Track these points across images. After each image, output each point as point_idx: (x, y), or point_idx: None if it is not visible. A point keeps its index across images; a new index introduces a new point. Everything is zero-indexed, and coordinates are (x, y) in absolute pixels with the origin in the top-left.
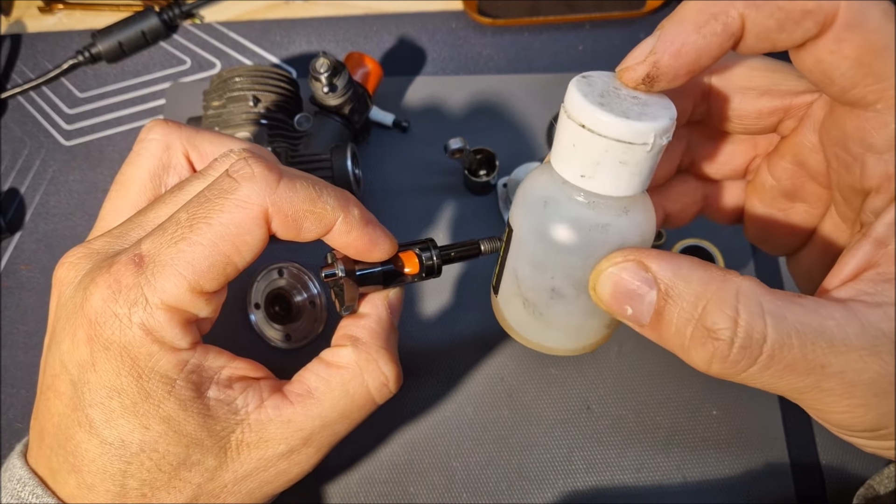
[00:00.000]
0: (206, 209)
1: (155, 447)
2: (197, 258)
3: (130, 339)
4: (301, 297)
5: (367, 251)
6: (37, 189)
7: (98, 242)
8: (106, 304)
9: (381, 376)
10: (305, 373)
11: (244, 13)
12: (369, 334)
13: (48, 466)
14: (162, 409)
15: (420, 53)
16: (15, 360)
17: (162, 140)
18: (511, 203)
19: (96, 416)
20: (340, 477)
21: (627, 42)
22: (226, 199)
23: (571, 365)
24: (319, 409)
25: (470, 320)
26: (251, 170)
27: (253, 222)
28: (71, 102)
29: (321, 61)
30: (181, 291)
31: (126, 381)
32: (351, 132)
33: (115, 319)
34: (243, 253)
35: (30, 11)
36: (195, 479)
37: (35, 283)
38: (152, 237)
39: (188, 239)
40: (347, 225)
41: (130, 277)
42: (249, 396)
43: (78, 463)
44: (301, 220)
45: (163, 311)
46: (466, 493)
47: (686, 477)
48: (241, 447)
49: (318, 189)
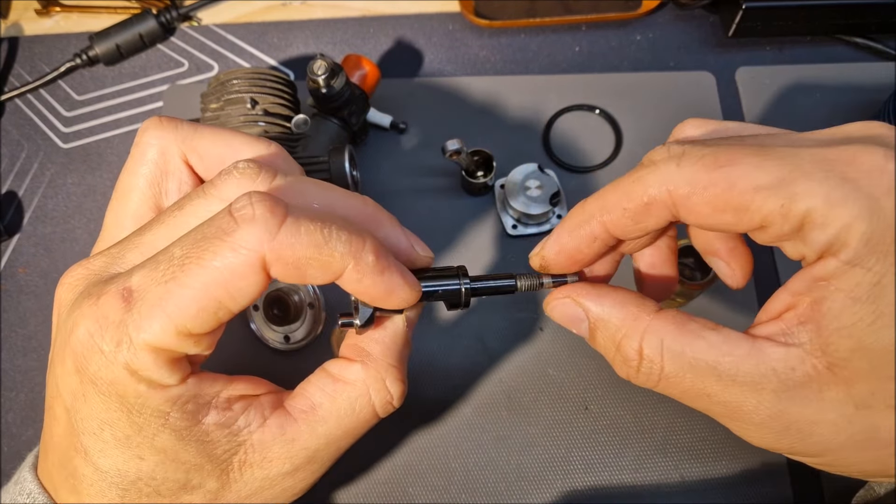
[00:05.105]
0: (201, 249)
1: (152, 475)
2: (185, 302)
3: (117, 377)
4: (299, 298)
5: (382, 300)
6: (35, 192)
7: (96, 263)
8: (92, 338)
9: (387, 395)
10: (309, 387)
11: (242, 15)
12: (381, 350)
13: (52, 483)
14: (156, 441)
15: (417, 55)
16: (14, 364)
17: (157, 144)
18: (508, 204)
19: (90, 445)
20: (340, 478)
21: (624, 43)
22: (222, 240)
23: (569, 365)
24: (325, 427)
25: (469, 321)
26: (252, 211)
27: (249, 269)
28: (69, 105)
29: (319, 63)
30: (167, 335)
31: (116, 416)
32: (349, 134)
33: (101, 355)
34: (237, 299)
35: (27, 14)
36: (197, 501)
37: (33, 287)
38: (144, 270)
39: (178, 280)
40: (358, 273)
41: (117, 313)
42: (251, 415)
43: (77, 485)
44: (304, 268)
45: (147, 353)
46: (465, 494)
47: (684, 477)
48: (243, 467)
49: (326, 233)
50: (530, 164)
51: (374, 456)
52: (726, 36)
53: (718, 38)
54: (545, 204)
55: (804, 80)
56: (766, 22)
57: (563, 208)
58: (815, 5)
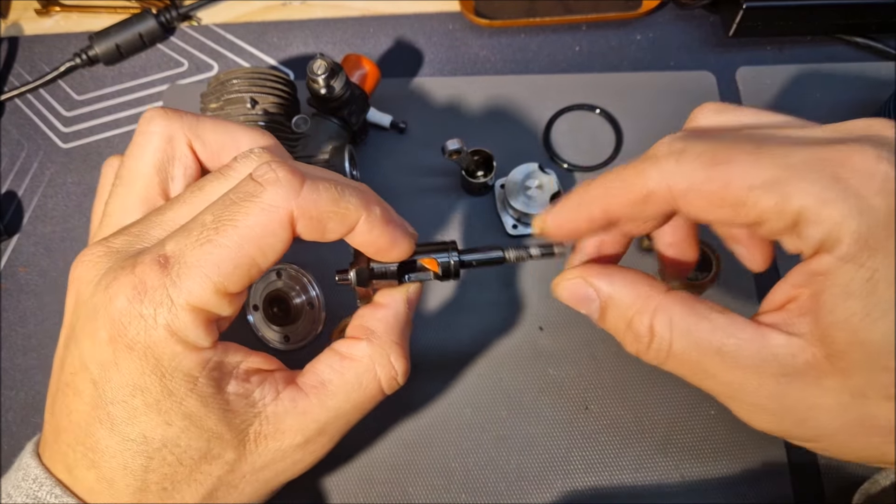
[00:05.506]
0: (232, 212)
1: (177, 442)
2: (223, 260)
3: (155, 340)
4: (299, 298)
5: (387, 250)
6: (34, 191)
7: (117, 241)
8: (131, 304)
9: (391, 370)
10: (318, 364)
11: (241, 15)
12: (385, 328)
13: (65, 462)
14: (184, 406)
15: (417, 55)
16: (14, 363)
17: (164, 132)
18: (508, 204)
19: (118, 414)
20: (340, 478)
21: (624, 43)
22: (251, 202)
23: (570, 365)
24: (334, 401)
25: (469, 321)
26: (275, 174)
27: (278, 225)
28: (68, 105)
29: (318, 63)
30: (206, 293)
31: (149, 380)
32: (348, 133)
33: (141, 320)
34: (268, 255)
35: (27, 14)
36: (215, 472)
37: (33, 286)
38: (176, 238)
39: (214, 241)
40: (369, 224)
41: (156, 278)
42: (266, 389)
43: (98, 459)
44: (325, 222)
45: (187, 313)
46: (465, 494)
47: (684, 476)
48: (258, 439)
49: (340, 189)
50: (530, 163)
51: (374, 455)
52: (727, 36)
53: (719, 37)
54: (545, 204)
55: (804, 79)
56: (766, 22)
57: None
58: (815, 5)
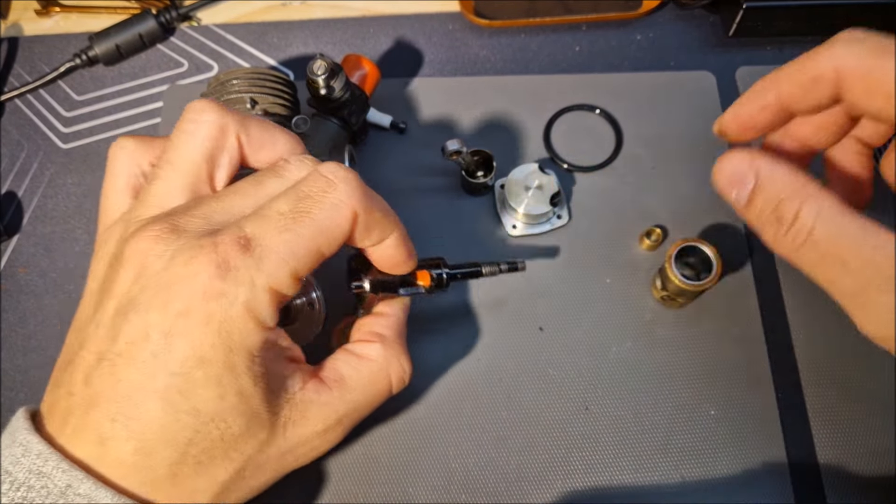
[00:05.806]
0: (308, 205)
1: (224, 417)
2: (299, 247)
3: (232, 316)
4: (299, 300)
5: (402, 264)
6: (34, 192)
7: (182, 219)
8: (212, 280)
9: (401, 371)
10: (336, 362)
11: (241, 15)
12: (393, 333)
13: (98, 433)
14: (239, 382)
15: (417, 55)
16: (14, 364)
17: (217, 121)
18: (508, 204)
19: (177, 384)
20: (340, 478)
21: (624, 43)
22: (325, 197)
23: (569, 365)
24: (352, 395)
25: (469, 322)
26: (345, 174)
27: (345, 220)
28: (68, 105)
29: (318, 63)
30: (283, 276)
31: (217, 353)
32: (348, 134)
33: (222, 296)
34: (332, 246)
35: (27, 14)
36: (248, 451)
37: (33, 286)
38: (255, 223)
39: (292, 230)
40: (398, 239)
41: (238, 259)
42: (296, 378)
43: (143, 429)
44: (372, 228)
45: (266, 293)
46: (465, 494)
47: (684, 477)
48: (287, 424)
49: (386, 204)
50: (530, 163)
51: (373, 455)
52: (727, 36)
53: (719, 37)
54: (545, 204)
55: None
56: (766, 22)
57: (564, 208)
58: (815, 5)
